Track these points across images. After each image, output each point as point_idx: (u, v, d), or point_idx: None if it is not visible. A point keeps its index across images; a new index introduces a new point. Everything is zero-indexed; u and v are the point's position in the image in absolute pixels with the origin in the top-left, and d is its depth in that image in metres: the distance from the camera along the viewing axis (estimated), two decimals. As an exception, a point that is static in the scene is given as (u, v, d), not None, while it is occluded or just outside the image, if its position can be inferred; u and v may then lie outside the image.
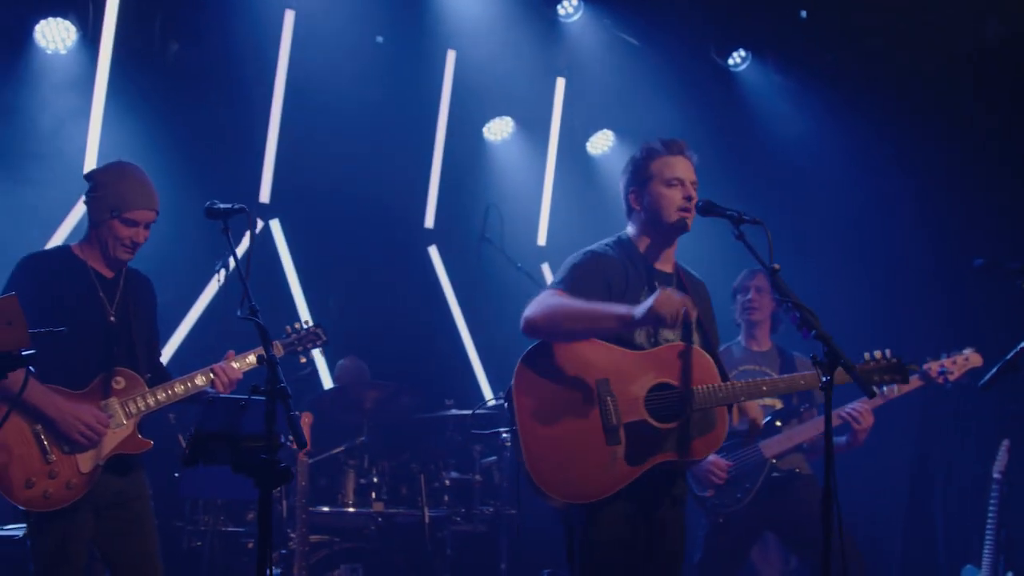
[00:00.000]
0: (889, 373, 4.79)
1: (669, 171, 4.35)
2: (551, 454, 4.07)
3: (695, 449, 4.19)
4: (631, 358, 4.19)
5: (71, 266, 4.67)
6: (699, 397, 4.16)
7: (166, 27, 7.86)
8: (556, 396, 4.11)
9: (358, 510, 6.61)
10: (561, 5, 8.09)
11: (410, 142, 8.68)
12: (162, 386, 4.64)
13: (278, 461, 3.29)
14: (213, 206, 4.10)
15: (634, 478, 4.09)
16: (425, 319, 8.65)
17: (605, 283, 4.24)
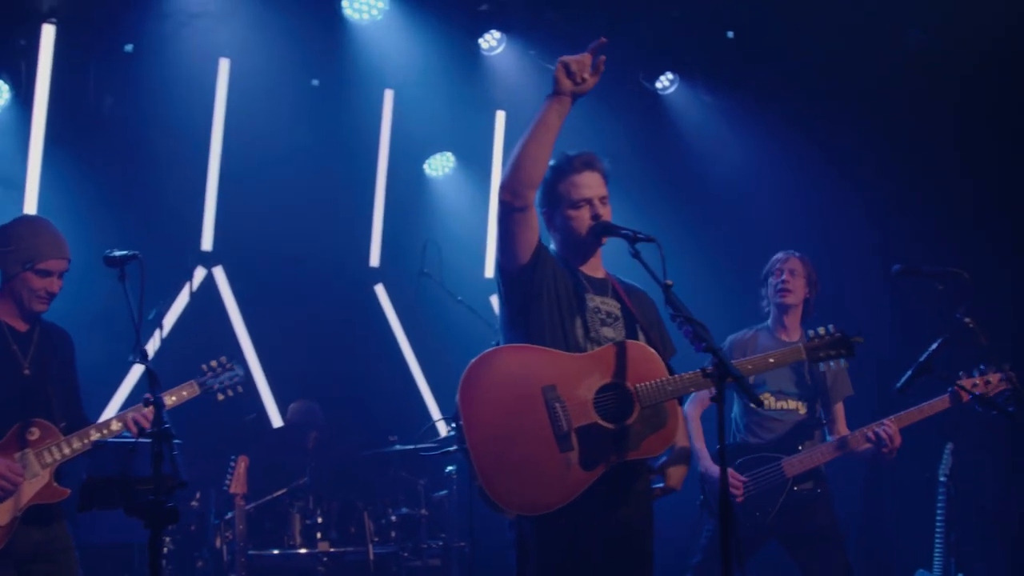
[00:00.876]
0: (834, 348, 4.81)
1: (575, 192, 4.37)
2: (504, 467, 4.00)
3: (649, 446, 4.16)
4: (575, 361, 4.17)
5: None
6: (648, 393, 4.13)
7: (100, 81, 7.92)
8: (503, 408, 4.05)
9: (305, 551, 6.60)
10: (483, 38, 8.14)
11: (352, 182, 8.75)
12: (77, 434, 4.65)
13: (165, 501, 3.31)
14: (110, 254, 4.14)
15: (590, 483, 4.05)
16: (374, 357, 8.69)
17: (551, 273, 4.29)
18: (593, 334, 4.29)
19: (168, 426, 3.43)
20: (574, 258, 4.44)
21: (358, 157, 8.77)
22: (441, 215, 9.10)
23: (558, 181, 4.41)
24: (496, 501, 3.99)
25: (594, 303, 4.36)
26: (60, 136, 7.67)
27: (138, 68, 7.91)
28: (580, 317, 4.29)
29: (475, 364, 4.14)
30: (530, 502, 4.03)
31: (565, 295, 4.30)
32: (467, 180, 9.24)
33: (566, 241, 4.43)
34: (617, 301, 4.43)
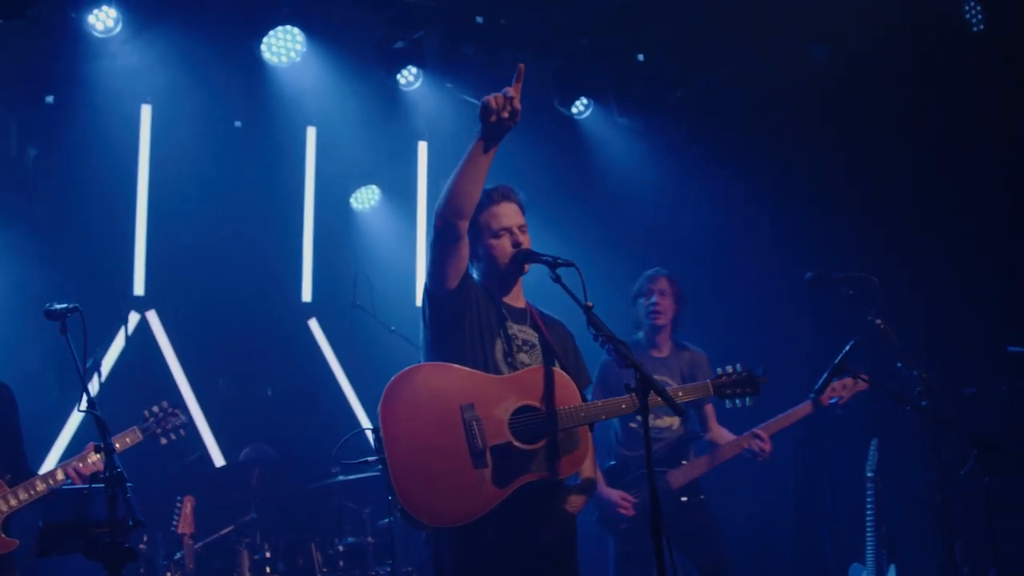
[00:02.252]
0: (741, 386, 5.04)
1: (495, 222, 4.59)
2: (420, 480, 4.17)
3: (561, 467, 4.36)
4: (493, 383, 4.37)
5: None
6: (562, 417, 4.35)
7: (22, 133, 8.00)
8: (422, 422, 4.23)
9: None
10: (401, 74, 8.33)
11: (280, 219, 8.85)
12: (23, 485, 4.75)
13: (122, 543, 3.43)
14: (50, 308, 4.26)
15: (502, 499, 4.22)
16: (312, 391, 8.78)
17: (475, 300, 4.49)
18: (511, 359, 4.50)
19: (120, 470, 3.56)
20: (496, 287, 4.65)
21: (284, 194, 8.88)
22: (369, 247, 9.23)
23: (479, 213, 4.59)
24: (410, 512, 4.16)
25: (513, 330, 4.57)
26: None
27: (61, 118, 8.00)
28: (500, 342, 4.49)
29: (397, 379, 4.34)
30: (443, 513, 4.20)
31: (487, 321, 4.51)
32: (393, 211, 9.38)
33: (488, 270, 4.63)
34: (535, 330, 4.64)
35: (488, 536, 4.26)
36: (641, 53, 8.63)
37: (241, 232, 8.39)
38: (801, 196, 8.65)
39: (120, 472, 3.56)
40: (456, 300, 4.44)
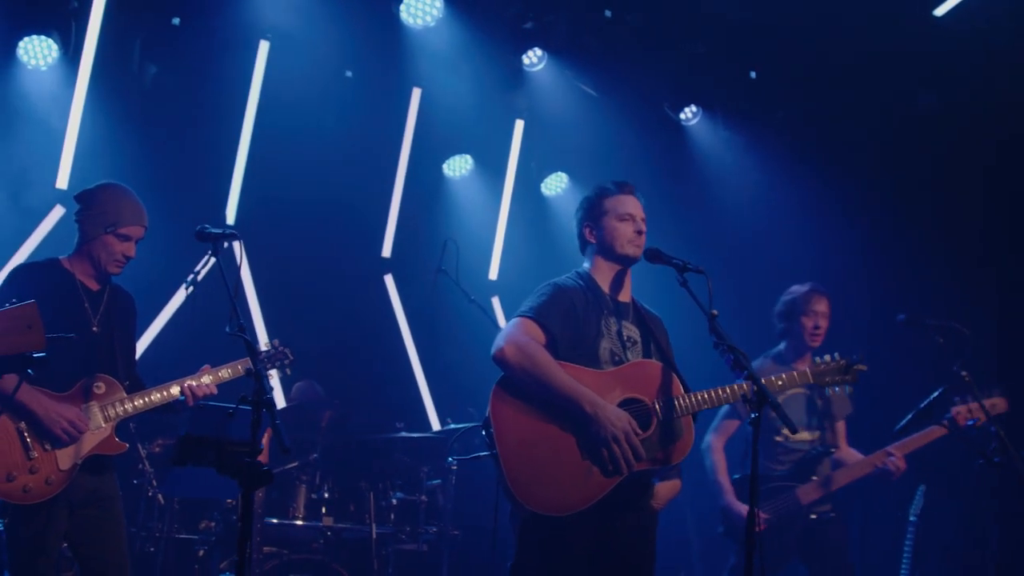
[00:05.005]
0: (839, 374, 5.11)
1: (622, 207, 4.74)
2: (529, 471, 4.35)
3: (666, 457, 4.50)
4: (598, 376, 4.50)
5: (60, 277, 4.94)
6: (666, 408, 4.48)
7: (145, 50, 8.17)
8: (531, 417, 4.41)
9: (308, 523, 6.86)
10: (526, 55, 8.48)
11: (372, 173, 9.01)
12: (139, 393, 4.93)
13: (261, 464, 3.60)
14: (205, 230, 4.41)
15: (609, 489, 4.37)
16: (377, 344, 8.96)
17: (567, 311, 4.58)
18: (616, 355, 4.62)
19: (269, 396, 3.72)
20: (606, 278, 4.77)
21: (380, 150, 9.04)
22: (453, 215, 9.40)
23: (604, 197, 4.79)
24: (521, 501, 4.34)
25: (617, 326, 4.69)
26: (102, 99, 7.90)
27: (182, 42, 8.16)
28: (604, 339, 4.62)
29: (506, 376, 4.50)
30: (552, 503, 4.38)
31: (591, 318, 4.63)
32: (482, 183, 9.54)
33: (604, 252, 4.76)
34: (637, 326, 4.77)
35: (579, 523, 4.41)
36: (753, 70, 8.73)
37: (333, 179, 8.53)
38: (891, 234, 8.76)
39: (270, 398, 3.72)
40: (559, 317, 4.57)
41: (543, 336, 4.51)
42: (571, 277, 4.77)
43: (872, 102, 8.57)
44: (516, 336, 4.48)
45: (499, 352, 4.46)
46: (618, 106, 8.92)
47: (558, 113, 9.01)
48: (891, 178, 8.73)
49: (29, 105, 7.75)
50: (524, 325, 4.53)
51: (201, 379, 5.02)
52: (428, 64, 8.66)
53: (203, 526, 6.80)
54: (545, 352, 4.44)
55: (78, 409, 4.75)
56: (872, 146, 8.74)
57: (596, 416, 4.33)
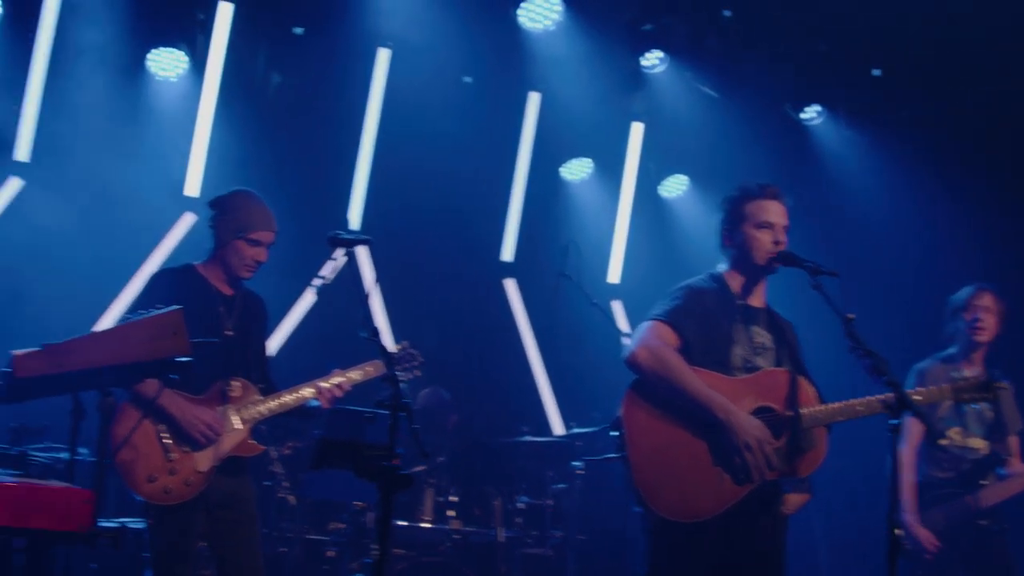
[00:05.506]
0: (979, 391, 4.84)
1: (762, 214, 4.59)
2: (659, 475, 4.31)
3: (798, 467, 4.40)
4: (731, 383, 4.42)
5: (195, 283, 5.05)
6: (800, 418, 4.37)
7: (269, 60, 8.35)
8: (663, 421, 4.36)
9: (435, 526, 6.90)
10: (645, 57, 8.46)
11: (491, 178, 9.08)
12: (274, 395, 5.01)
13: (399, 468, 3.63)
14: (338, 235, 4.45)
15: (740, 497, 4.31)
16: (498, 348, 9.00)
17: (700, 315, 4.50)
18: (748, 362, 4.53)
19: (407, 400, 3.74)
20: (741, 282, 4.67)
21: (499, 155, 9.10)
22: (573, 218, 9.40)
23: (746, 201, 4.63)
24: (650, 505, 4.29)
25: (750, 333, 4.60)
26: (228, 108, 8.09)
27: (306, 51, 8.33)
28: (736, 346, 4.54)
29: (639, 380, 4.45)
30: (681, 509, 4.32)
31: (723, 323, 4.54)
32: (600, 186, 9.53)
33: (741, 259, 4.64)
34: (770, 332, 4.66)
35: (709, 530, 4.35)
36: (877, 68, 8.55)
37: (453, 183, 8.61)
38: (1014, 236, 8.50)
39: (408, 402, 3.74)
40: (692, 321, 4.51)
41: (677, 340, 4.46)
42: (704, 280, 4.69)
43: (1002, 100, 8.30)
44: (649, 339, 4.44)
45: (632, 355, 4.42)
46: (738, 107, 8.83)
47: (677, 115, 8.96)
48: (1016, 181, 8.45)
49: (159, 115, 7.98)
50: (657, 328, 4.48)
51: (331, 381, 5.09)
52: (546, 68, 8.68)
53: (332, 527, 6.89)
54: (678, 356, 4.39)
55: (215, 412, 4.84)
56: (1002, 146, 8.46)
57: (729, 422, 4.27)
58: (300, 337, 8.13)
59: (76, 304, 7.19)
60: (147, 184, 7.78)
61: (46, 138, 7.56)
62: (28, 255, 7.16)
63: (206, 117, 8.02)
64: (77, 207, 7.43)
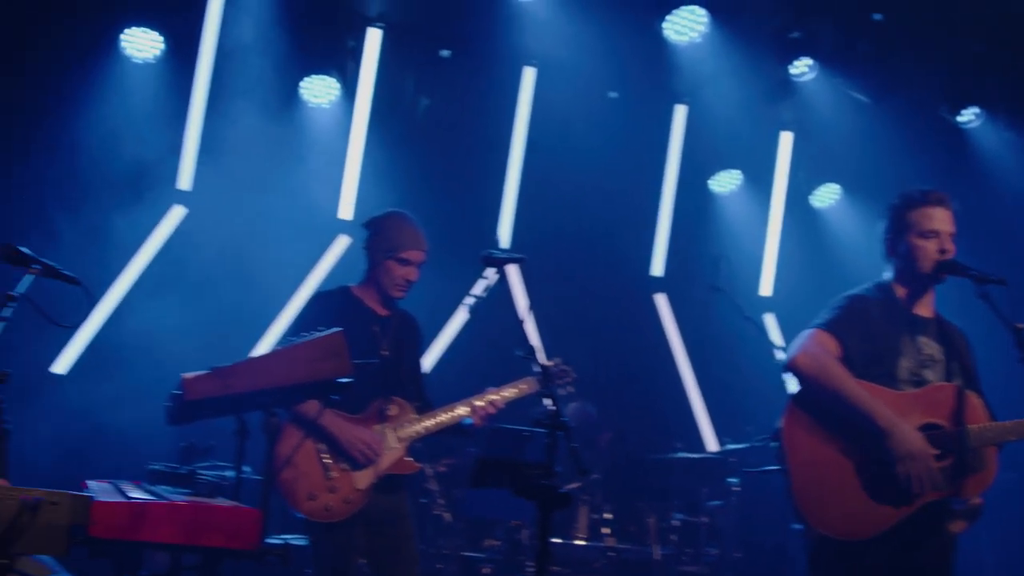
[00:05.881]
0: None
1: (927, 222, 4.44)
2: (819, 490, 4.22)
3: (966, 487, 4.24)
4: (898, 398, 4.29)
5: (350, 304, 5.16)
6: (969, 436, 4.21)
7: (418, 83, 8.51)
8: (826, 435, 4.25)
9: (590, 543, 6.89)
10: (793, 65, 8.33)
11: (639, 192, 9.05)
12: (429, 414, 5.08)
13: (558, 487, 3.62)
14: (491, 255, 4.48)
15: (902, 517, 4.19)
16: (649, 364, 8.94)
17: (864, 326, 4.38)
18: (916, 375, 4.38)
19: (565, 419, 3.74)
20: (907, 292, 4.52)
21: (646, 169, 9.06)
22: (723, 231, 9.29)
23: (910, 209, 4.48)
24: (809, 522, 4.19)
25: (917, 344, 4.44)
26: (379, 132, 8.27)
27: (452, 73, 8.46)
28: (904, 358, 4.39)
29: (802, 392, 4.35)
30: (841, 527, 4.20)
31: (890, 333, 4.40)
32: (750, 198, 9.40)
33: (905, 270, 4.49)
34: (940, 344, 4.48)
35: (872, 549, 4.22)
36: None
37: (601, 199, 8.60)
38: None
39: (566, 420, 3.74)
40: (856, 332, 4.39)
41: (838, 349, 4.35)
42: (869, 289, 4.56)
43: None
44: (810, 346, 4.35)
45: (792, 360, 4.34)
46: (891, 112, 8.60)
47: (828, 122, 8.78)
48: None
49: (313, 141, 8.19)
50: (819, 337, 4.38)
51: (486, 399, 5.12)
52: (693, 80, 8.63)
53: (488, 544, 6.93)
54: (840, 365, 4.28)
55: (373, 431, 4.93)
56: None
57: (892, 432, 4.14)
58: (453, 355, 8.24)
59: (237, 326, 7.42)
60: (302, 208, 7.99)
61: (206, 166, 7.84)
62: (192, 279, 7.41)
63: (358, 141, 8.22)
64: (235, 232, 7.67)
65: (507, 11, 8.12)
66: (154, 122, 7.71)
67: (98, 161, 7.44)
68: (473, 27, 8.26)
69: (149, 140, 7.63)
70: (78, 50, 7.57)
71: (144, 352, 6.90)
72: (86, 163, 7.42)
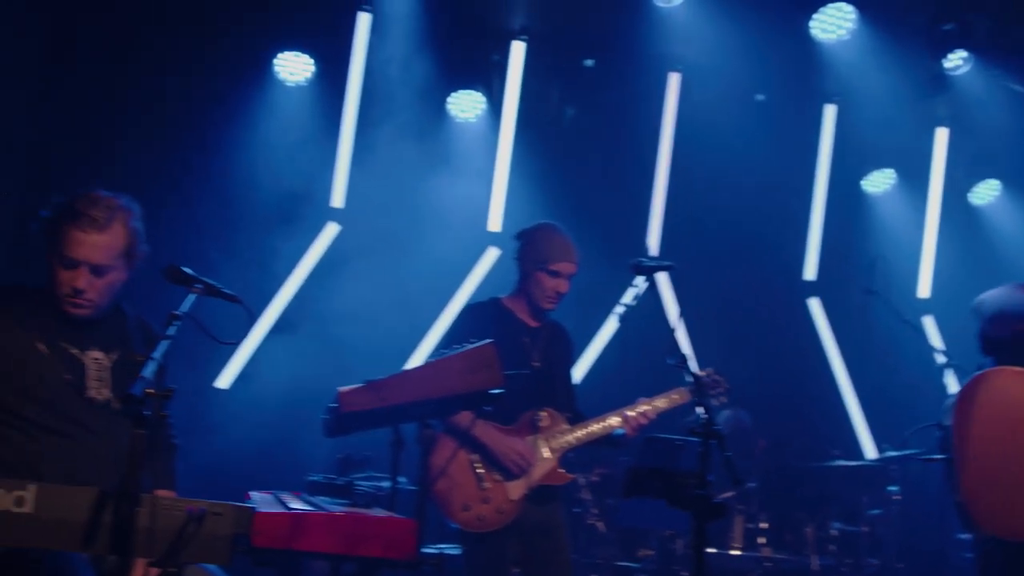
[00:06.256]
0: None
1: None
2: (987, 485, 4.10)
3: None
4: None
5: (501, 316, 5.20)
6: None
7: (563, 94, 8.55)
8: (998, 428, 4.15)
9: (745, 553, 6.79)
10: (947, 58, 8.08)
11: (789, 195, 8.89)
12: (581, 424, 5.08)
13: (712, 497, 3.59)
14: (640, 263, 4.47)
15: None
16: (804, 369, 8.77)
17: None
18: None
19: (718, 427, 3.71)
20: None
21: (797, 171, 8.90)
22: (878, 232, 9.07)
23: None
24: (975, 519, 4.03)
25: None
26: (525, 144, 8.33)
27: (597, 82, 8.46)
28: None
29: (973, 381, 4.21)
30: (1011, 527, 4.04)
31: None
32: (905, 197, 9.16)
33: None
34: None
35: None
36: None
37: (750, 203, 8.47)
38: None
39: (719, 429, 3.71)
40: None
41: None
42: None
43: None
44: None
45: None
46: (1053, 103, 8.30)
47: (985, 116, 8.49)
48: None
49: (460, 155, 8.30)
50: None
51: (638, 409, 5.10)
52: (842, 78, 8.45)
53: (642, 554, 6.90)
54: None
55: (526, 442, 4.96)
56: None
57: None
58: (604, 365, 8.23)
59: (390, 339, 7.56)
60: (452, 221, 8.09)
61: (358, 184, 8.02)
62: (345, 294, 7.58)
63: (505, 153, 8.29)
64: (386, 246, 7.82)
65: (649, 17, 8.11)
66: (307, 143, 7.94)
67: (254, 182, 7.69)
68: (616, 35, 8.26)
69: (302, 160, 7.86)
70: (233, 76, 7.85)
71: (301, 366, 7.09)
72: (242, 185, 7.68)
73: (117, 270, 3.75)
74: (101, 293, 3.73)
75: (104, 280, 3.72)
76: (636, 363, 6.96)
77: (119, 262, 3.74)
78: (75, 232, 3.64)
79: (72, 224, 3.65)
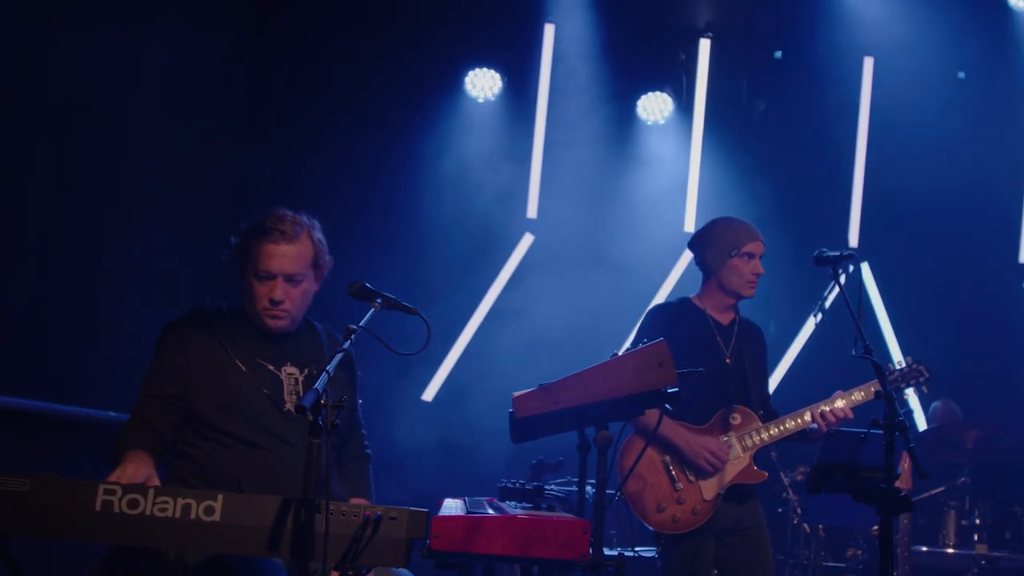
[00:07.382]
0: None
1: None
2: None
3: None
4: None
5: (692, 314, 5.17)
6: None
7: (752, 88, 8.45)
8: None
9: (959, 551, 6.55)
10: None
11: (997, 175, 8.47)
12: (774, 422, 5.02)
13: (899, 491, 3.50)
14: (822, 254, 4.41)
15: None
16: (1018, 357, 8.35)
17: None
18: None
19: (902, 419, 3.62)
20: None
21: (1005, 149, 8.49)
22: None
23: None
24: None
25: None
26: (716, 141, 8.28)
27: (786, 73, 8.35)
28: None
29: None
30: None
31: None
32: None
33: None
34: None
35: None
36: None
37: (956, 186, 8.15)
38: None
39: (903, 420, 3.62)
40: None
41: None
42: None
43: None
44: None
45: None
46: None
47: None
48: None
49: (651, 157, 8.32)
50: None
51: (834, 404, 5.00)
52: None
53: (850, 554, 6.74)
54: None
55: (717, 440, 4.93)
56: None
57: None
58: (802, 360, 8.08)
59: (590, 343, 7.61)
60: (647, 225, 8.11)
61: (550, 194, 8.14)
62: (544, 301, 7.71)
63: (696, 154, 8.27)
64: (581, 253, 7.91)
65: (836, 2, 7.92)
66: (499, 156, 8.12)
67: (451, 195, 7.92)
68: (803, 24, 8.14)
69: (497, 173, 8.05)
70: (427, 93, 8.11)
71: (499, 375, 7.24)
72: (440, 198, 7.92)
73: (308, 280, 3.95)
74: (296, 303, 3.93)
75: (298, 290, 3.92)
76: (832, 356, 6.77)
77: (309, 272, 3.95)
78: (268, 245, 3.86)
79: (264, 239, 3.87)
